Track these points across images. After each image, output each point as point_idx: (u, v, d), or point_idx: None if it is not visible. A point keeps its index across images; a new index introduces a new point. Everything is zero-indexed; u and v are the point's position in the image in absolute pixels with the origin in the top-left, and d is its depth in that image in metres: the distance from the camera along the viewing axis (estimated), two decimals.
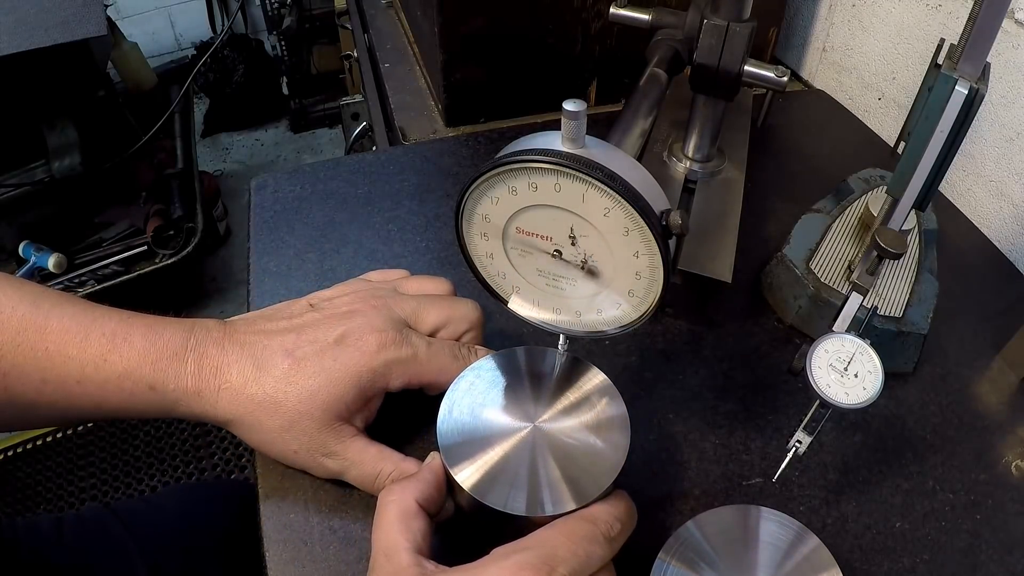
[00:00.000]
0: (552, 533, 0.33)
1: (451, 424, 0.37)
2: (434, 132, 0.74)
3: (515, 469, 0.36)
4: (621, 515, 0.34)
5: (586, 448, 0.37)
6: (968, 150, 0.62)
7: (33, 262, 1.47)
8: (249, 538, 0.43)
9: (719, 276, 0.48)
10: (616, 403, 0.38)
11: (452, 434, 0.37)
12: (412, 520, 0.34)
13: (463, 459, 0.36)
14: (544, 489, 0.35)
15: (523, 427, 0.37)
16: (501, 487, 0.35)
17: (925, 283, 0.51)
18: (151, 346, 0.39)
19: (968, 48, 0.36)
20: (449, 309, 0.43)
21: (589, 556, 0.32)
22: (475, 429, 0.37)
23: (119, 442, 1.47)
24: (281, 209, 0.61)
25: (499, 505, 0.34)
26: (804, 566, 0.36)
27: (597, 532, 0.33)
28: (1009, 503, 0.43)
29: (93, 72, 1.49)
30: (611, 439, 0.37)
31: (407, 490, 0.35)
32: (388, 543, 0.33)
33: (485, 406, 0.38)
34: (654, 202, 0.32)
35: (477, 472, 0.35)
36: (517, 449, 0.36)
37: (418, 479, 0.36)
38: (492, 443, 0.37)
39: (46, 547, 0.62)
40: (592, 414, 0.38)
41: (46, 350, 0.38)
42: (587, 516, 0.34)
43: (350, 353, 0.39)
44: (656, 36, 0.50)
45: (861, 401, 0.36)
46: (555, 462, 0.36)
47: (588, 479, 0.35)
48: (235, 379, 0.39)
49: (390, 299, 0.43)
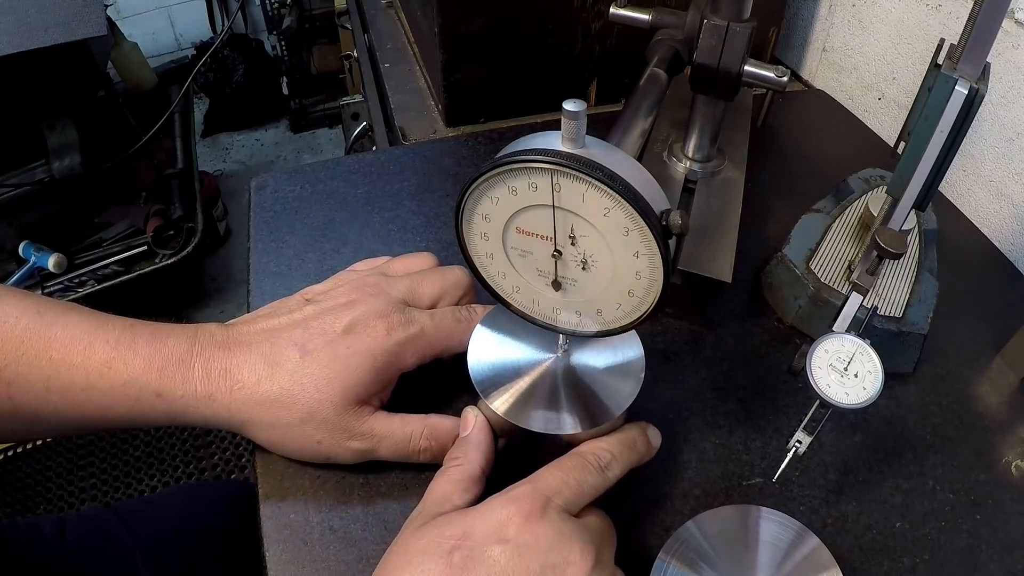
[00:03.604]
0: (545, 469, 0.36)
1: (481, 365, 0.41)
2: (434, 132, 0.73)
3: (542, 395, 0.39)
4: (611, 446, 0.38)
5: (605, 374, 0.40)
6: (968, 150, 0.62)
7: (33, 262, 1.47)
8: (249, 538, 0.43)
9: (719, 276, 0.48)
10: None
11: (484, 372, 0.40)
12: (474, 484, 0.37)
13: (495, 390, 0.39)
14: (567, 411, 0.39)
15: (547, 358, 0.41)
16: (531, 410, 0.39)
17: (925, 283, 0.51)
18: (156, 353, 0.39)
19: (968, 48, 0.36)
20: (441, 280, 0.45)
21: (581, 484, 0.35)
22: (503, 366, 0.41)
23: (120, 442, 1.47)
24: (281, 209, 0.61)
25: (528, 425, 0.38)
26: (804, 566, 0.36)
27: (586, 463, 0.36)
28: (1009, 503, 0.43)
29: (93, 72, 1.49)
30: (628, 365, 0.41)
31: (471, 457, 0.38)
32: (443, 494, 0.36)
33: (509, 345, 0.42)
34: (654, 202, 0.32)
35: (509, 398, 0.39)
36: (542, 378, 0.40)
37: (479, 448, 0.38)
38: (520, 375, 0.40)
39: (48, 548, 0.62)
40: (610, 344, 0.41)
41: (50, 359, 0.38)
42: (575, 451, 0.37)
43: (362, 339, 0.40)
44: (656, 36, 0.50)
45: (861, 401, 0.36)
46: (578, 388, 0.40)
47: (609, 400, 0.39)
48: (247, 378, 0.39)
49: (384, 283, 0.44)
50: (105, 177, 1.56)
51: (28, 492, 1.40)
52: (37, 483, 1.41)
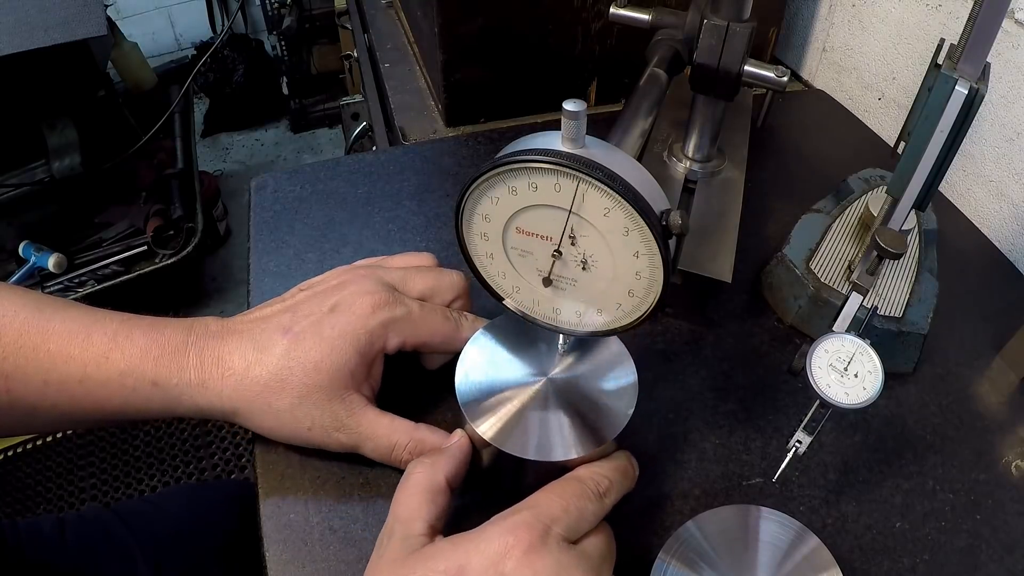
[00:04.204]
0: (543, 494, 0.34)
1: (469, 385, 0.39)
2: (434, 132, 0.73)
3: (531, 420, 0.38)
4: (608, 472, 0.36)
5: (597, 397, 0.39)
6: (968, 150, 0.62)
7: (33, 262, 1.47)
8: (249, 538, 0.43)
9: (719, 276, 0.48)
10: (622, 352, 0.41)
11: (471, 393, 0.39)
12: (438, 495, 0.35)
13: (483, 414, 0.38)
14: (557, 436, 0.37)
15: (537, 381, 0.40)
16: (519, 436, 0.37)
17: (925, 283, 0.51)
18: (152, 343, 0.39)
19: (968, 48, 0.36)
20: (435, 279, 0.45)
21: (581, 512, 0.34)
22: (491, 387, 0.39)
23: (120, 442, 1.47)
24: (281, 209, 0.61)
25: (517, 452, 0.36)
26: (804, 566, 0.36)
27: (586, 489, 0.35)
28: (1009, 503, 0.43)
29: (93, 72, 1.49)
30: (620, 388, 0.39)
31: (437, 466, 0.36)
32: (409, 511, 0.35)
33: (499, 365, 0.41)
34: (654, 202, 0.32)
35: (496, 423, 0.38)
36: (532, 401, 0.39)
37: (447, 456, 0.37)
38: (509, 398, 0.39)
39: (48, 548, 0.62)
40: (601, 365, 0.40)
41: (48, 351, 0.38)
42: (574, 476, 0.36)
43: (346, 318, 0.40)
44: (656, 36, 0.50)
45: (861, 401, 0.36)
46: (568, 412, 0.38)
47: (601, 425, 0.38)
48: (238, 364, 0.39)
49: (377, 270, 0.44)
50: (105, 177, 1.56)
51: (28, 492, 1.40)
52: (37, 483, 1.41)
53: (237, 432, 1.49)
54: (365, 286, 0.41)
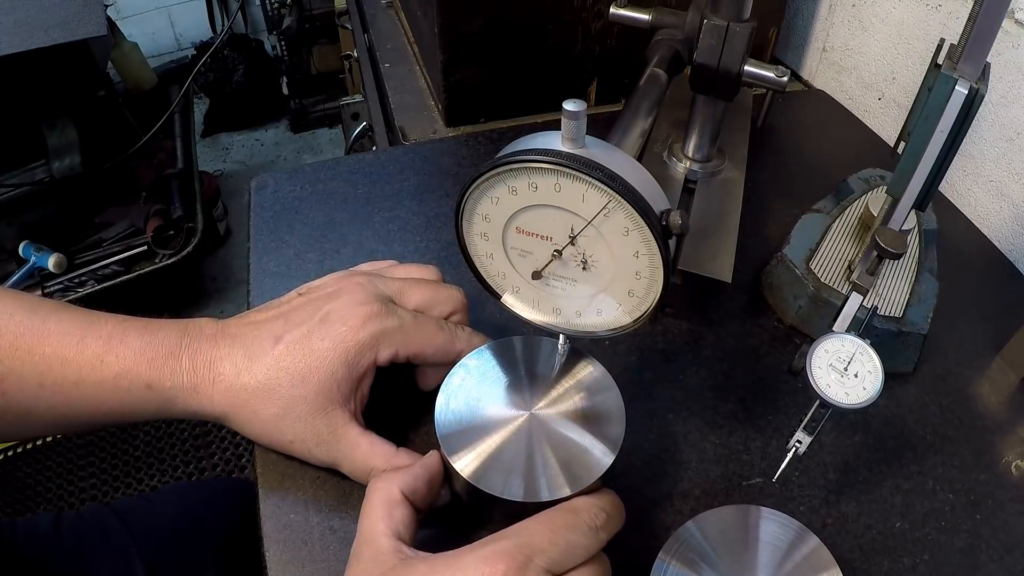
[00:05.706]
0: (532, 523, 0.33)
1: (448, 415, 0.38)
2: (434, 132, 0.73)
3: (512, 456, 0.36)
4: (606, 505, 0.34)
5: (582, 435, 0.37)
6: (968, 150, 0.62)
7: (33, 262, 1.47)
8: (249, 538, 0.43)
9: (719, 276, 0.48)
10: (611, 389, 0.39)
11: (450, 424, 0.37)
12: (395, 508, 0.35)
13: (461, 447, 0.36)
14: (540, 476, 0.35)
15: (519, 415, 0.38)
16: (498, 474, 0.35)
17: (925, 283, 0.51)
18: (147, 346, 0.39)
19: (968, 48, 0.36)
20: (433, 292, 0.44)
21: (570, 545, 0.32)
22: (472, 418, 0.38)
23: (119, 442, 1.47)
24: (281, 209, 0.61)
25: (496, 491, 0.34)
26: (804, 566, 0.36)
27: (579, 521, 0.33)
28: (1009, 503, 0.43)
29: (93, 72, 1.49)
30: (606, 426, 0.37)
31: (393, 480, 0.36)
32: (370, 529, 0.34)
33: (481, 396, 0.39)
34: (654, 202, 0.32)
35: (475, 460, 0.36)
36: (514, 437, 0.37)
37: (407, 471, 0.36)
38: (489, 431, 0.37)
39: (44, 545, 0.62)
40: (588, 402, 0.38)
41: (43, 354, 0.38)
42: (569, 506, 0.34)
43: (336, 329, 0.39)
44: (656, 36, 0.50)
45: (861, 401, 0.36)
46: (551, 449, 0.36)
47: (584, 465, 0.36)
48: (228, 370, 0.39)
49: (375, 279, 0.43)
50: (105, 177, 1.55)
51: (28, 492, 1.40)
52: (37, 483, 1.41)
53: (237, 432, 1.48)
54: (358, 296, 0.41)
